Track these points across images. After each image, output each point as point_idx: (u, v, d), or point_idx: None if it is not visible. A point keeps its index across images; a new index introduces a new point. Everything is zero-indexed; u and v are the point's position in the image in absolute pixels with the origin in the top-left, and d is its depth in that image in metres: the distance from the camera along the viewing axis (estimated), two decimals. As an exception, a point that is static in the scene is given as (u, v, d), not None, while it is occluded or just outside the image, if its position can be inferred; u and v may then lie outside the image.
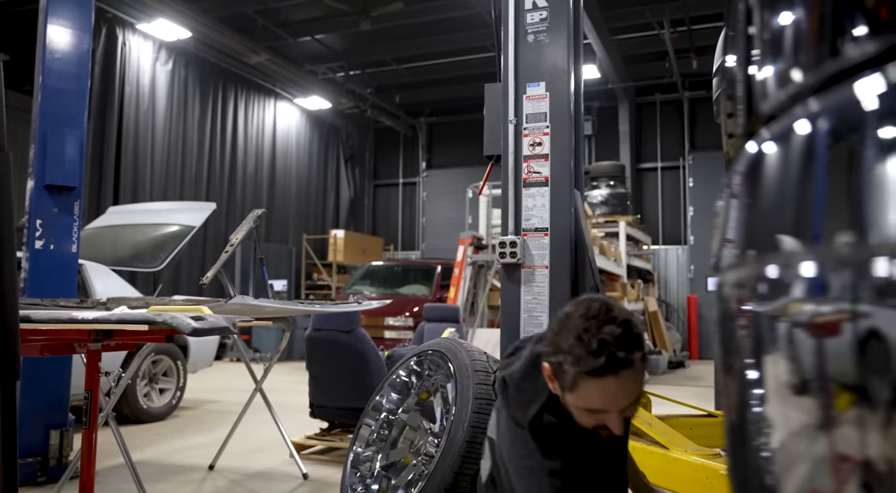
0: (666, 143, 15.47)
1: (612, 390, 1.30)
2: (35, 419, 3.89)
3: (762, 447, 0.57)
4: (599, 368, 1.29)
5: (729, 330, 0.66)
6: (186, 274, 12.17)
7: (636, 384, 1.33)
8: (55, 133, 3.98)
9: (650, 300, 12.57)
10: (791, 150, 0.58)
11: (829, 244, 0.53)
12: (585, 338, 1.31)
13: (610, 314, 1.33)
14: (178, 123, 12.50)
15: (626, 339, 1.30)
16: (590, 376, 1.30)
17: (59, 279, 4.01)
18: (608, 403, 1.32)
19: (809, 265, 0.54)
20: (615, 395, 1.31)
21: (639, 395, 1.35)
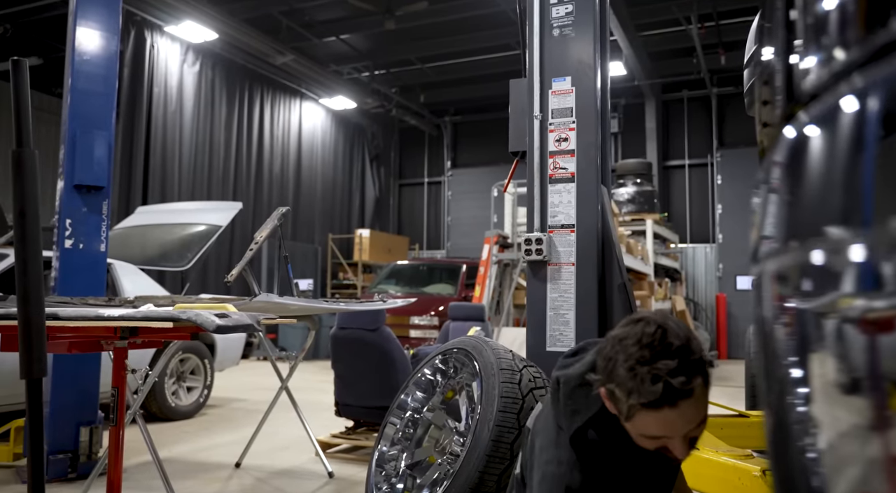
0: (694, 140, 15.27)
1: (671, 420, 1.23)
2: (66, 417, 3.94)
3: (808, 448, 0.54)
4: (655, 401, 1.21)
5: (769, 327, 0.63)
6: (213, 273, 12.29)
7: (698, 410, 1.25)
8: (84, 135, 4.03)
9: (678, 299, 12.41)
10: (836, 129, 0.54)
11: (882, 230, 0.49)
12: (639, 371, 1.23)
13: (665, 341, 1.24)
14: (205, 124, 12.63)
15: (683, 368, 1.21)
16: (646, 408, 1.23)
17: (88, 278, 4.06)
18: (668, 431, 1.25)
19: (859, 253, 0.50)
20: (674, 424, 1.24)
21: (703, 418, 1.27)
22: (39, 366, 1.54)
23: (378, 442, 2.96)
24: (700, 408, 1.25)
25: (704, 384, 1.25)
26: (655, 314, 1.30)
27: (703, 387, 1.24)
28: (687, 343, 1.25)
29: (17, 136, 1.53)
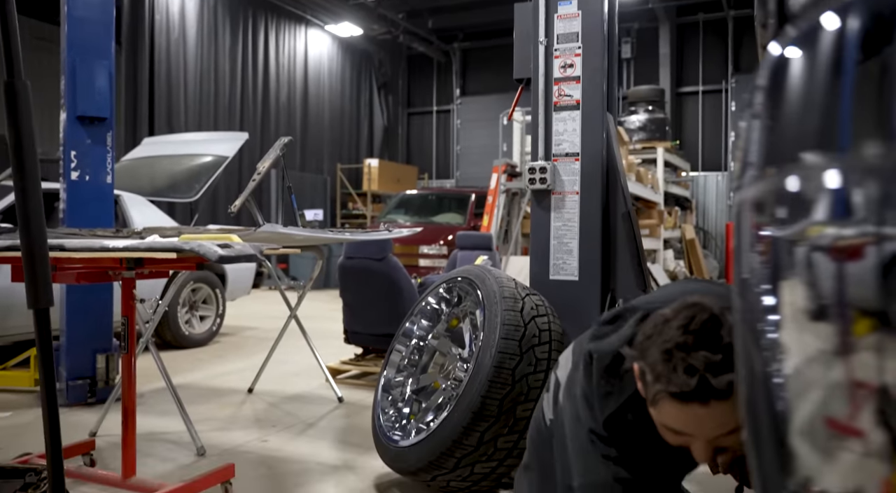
0: (708, 65, 14.88)
1: (699, 418, 1.12)
2: (82, 345, 4.04)
3: (774, 374, 0.55)
4: (684, 393, 1.10)
5: (744, 253, 0.63)
6: (223, 204, 12.33)
7: (731, 416, 1.10)
8: (83, 64, 3.98)
9: (687, 228, 12.38)
10: (816, 47, 0.52)
11: (857, 157, 0.48)
12: (675, 356, 1.12)
13: (715, 333, 1.12)
14: (209, 53, 12.41)
15: (726, 366, 1.08)
16: (673, 398, 1.12)
17: (96, 210, 4.09)
18: (692, 430, 1.15)
19: (833, 180, 0.50)
20: (701, 424, 1.13)
21: (736, 427, 1.11)
22: (45, 296, 1.57)
23: (384, 368, 3.03)
24: (732, 414, 1.09)
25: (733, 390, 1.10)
26: (715, 302, 1.17)
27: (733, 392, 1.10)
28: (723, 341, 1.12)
29: (8, 66, 1.51)
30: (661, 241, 10.49)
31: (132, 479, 2.57)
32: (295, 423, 3.78)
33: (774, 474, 0.55)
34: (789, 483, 0.55)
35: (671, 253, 11.28)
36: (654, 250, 10.25)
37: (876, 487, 0.49)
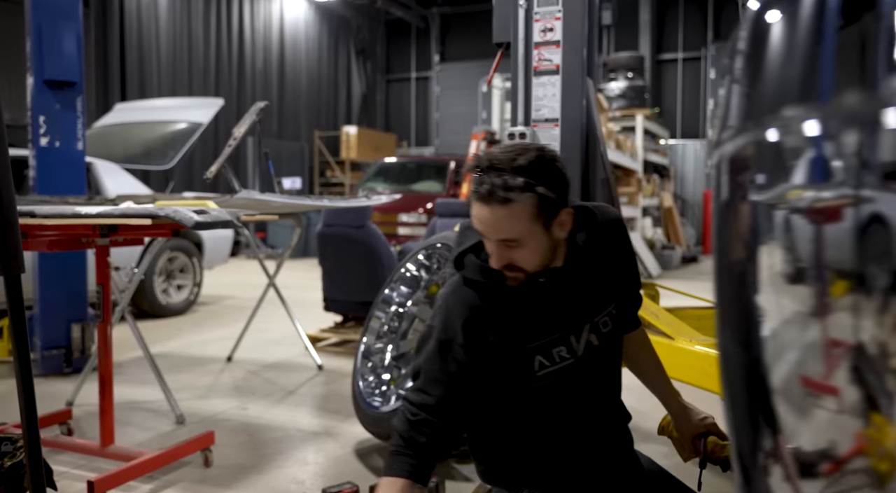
0: (688, 33, 14.84)
1: (485, 218, 1.31)
2: (56, 314, 3.99)
3: (754, 338, 0.55)
4: (475, 194, 1.31)
5: (722, 216, 0.62)
6: (198, 171, 12.12)
7: (509, 224, 1.30)
8: (50, 26, 3.86)
9: (666, 196, 12.45)
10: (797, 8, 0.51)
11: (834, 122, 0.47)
12: (482, 167, 1.32)
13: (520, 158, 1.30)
14: (182, 16, 12.12)
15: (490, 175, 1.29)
16: (472, 198, 1.33)
17: (67, 177, 4.00)
18: (483, 228, 1.34)
19: (810, 145, 0.49)
20: (487, 224, 1.32)
21: (513, 239, 1.32)
22: (16, 262, 1.54)
23: (363, 335, 3.03)
24: (502, 221, 1.30)
25: (505, 201, 1.28)
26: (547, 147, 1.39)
27: (505, 202, 1.28)
28: (515, 161, 1.29)
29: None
30: (640, 209, 10.54)
31: (111, 447, 2.56)
32: (274, 391, 3.78)
33: (749, 432, 0.55)
34: (764, 442, 0.56)
35: (649, 221, 11.36)
36: (633, 218, 10.30)
37: (848, 443, 0.50)
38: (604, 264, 1.49)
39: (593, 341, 1.47)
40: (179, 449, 2.54)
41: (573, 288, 1.44)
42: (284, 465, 2.72)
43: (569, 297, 1.44)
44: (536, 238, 1.33)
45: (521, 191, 1.28)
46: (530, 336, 1.43)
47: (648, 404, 3.58)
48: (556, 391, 1.47)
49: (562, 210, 1.35)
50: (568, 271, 1.43)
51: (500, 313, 1.43)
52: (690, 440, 1.59)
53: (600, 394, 1.55)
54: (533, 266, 1.36)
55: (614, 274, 1.52)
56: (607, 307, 1.49)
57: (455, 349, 1.42)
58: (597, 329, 1.47)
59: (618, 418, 1.60)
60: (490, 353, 1.43)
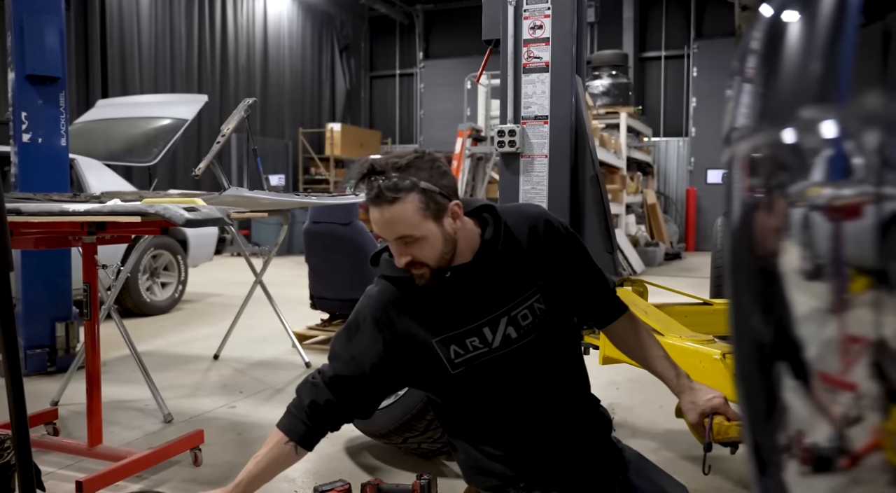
0: (671, 31, 14.91)
1: (377, 220, 1.41)
2: (40, 313, 3.95)
3: (772, 333, 0.55)
4: (366, 198, 1.42)
5: (738, 215, 0.62)
6: (182, 168, 12.05)
7: (389, 221, 1.39)
8: (32, 20, 3.80)
9: (649, 193, 12.54)
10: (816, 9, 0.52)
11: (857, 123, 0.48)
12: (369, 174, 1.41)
13: (386, 159, 1.41)
14: (164, 12, 11.99)
15: (369, 180, 1.39)
16: (365, 203, 1.44)
17: (50, 174, 3.95)
18: (379, 230, 1.42)
19: (830, 145, 0.49)
20: (380, 225, 1.41)
21: (407, 235, 1.40)
22: (4, 260, 1.51)
23: (353, 333, 3.02)
24: (393, 220, 1.38)
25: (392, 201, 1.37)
26: (427, 150, 1.46)
27: (393, 201, 1.37)
28: (396, 163, 1.39)
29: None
30: (624, 206, 10.60)
31: (99, 447, 2.54)
32: (263, 389, 3.76)
33: (765, 427, 0.56)
34: (780, 437, 0.56)
35: (633, 218, 11.42)
36: (617, 215, 10.36)
37: (866, 438, 0.50)
38: (520, 259, 1.54)
39: (511, 334, 1.52)
40: (169, 448, 2.52)
41: (483, 282, 1.51)
42: (274, 463, 2.70)
43: (479, 291, 1.51)
44: (430, 232, 1.41)
45: (406, 189, 1.37)
46: (441, 328, 1.50)
47: (636, 399, 3.61)
48: (481, 381, 1.52)
49: (450, 203, 1.42)
50: (475, 267, 1.50)
51: (413, 306, 1.51)
52: (698, 421, 1.55)
53: (541, 384, 1.56)
54: (434, 260, 1.43)
55: (538, 269, 1.55)
56: (527, 301, 1.53)
57: (361, 335, 1.52)
58: (514, 322, 1.52)
59: (575, 408, 1.60)
60: (400, 343, 1.50)
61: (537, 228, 1.57)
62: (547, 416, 1.55)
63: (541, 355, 1.55)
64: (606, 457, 1.59)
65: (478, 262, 1.50)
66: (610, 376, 3.82)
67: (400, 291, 1.52)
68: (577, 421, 1.58)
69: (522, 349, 1.53)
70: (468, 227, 1.51)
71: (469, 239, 1.50)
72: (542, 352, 1.55)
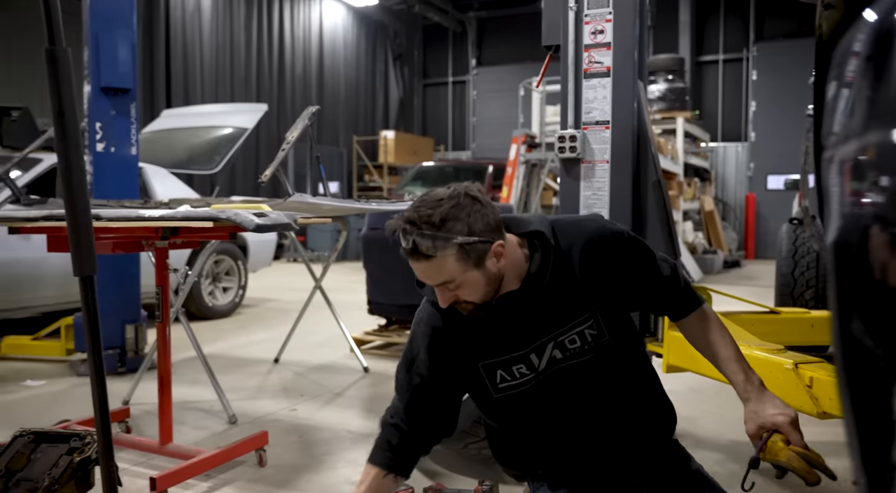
0: (729, 33, 14.60)
1: (418, 269, 1.41)
2: (111, 315, 4.09)
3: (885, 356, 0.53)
4: (404, 251, 1.40)
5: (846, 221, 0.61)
6: (241, 176, 12.36)
7: (427, 269, 1.39)
8: (107, 34, 3.96)
9: (706, 199, 12.27)
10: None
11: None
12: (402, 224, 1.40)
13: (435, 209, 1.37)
14: (224, 24, 12.34)
15: (404, 231, 1.37)
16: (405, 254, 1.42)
17: (121, 181, 4.11)
18: (422, 277, 1.43)
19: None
20: (422, 273, 1.41)
21: (448, 282, 1.39)
22: (90, 263, 1.58)
23: (413, 338, 3.04)
24: (432, 272, 1.38)
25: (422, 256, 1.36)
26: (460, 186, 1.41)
27: (429, 258, 1.36)
28: (430, 217, 1.36)
29: (49, 34, 1.50)
30: (681, 212, 10.41)
31: (169, 445, 2.62)
32: (322, 392, 3.82)
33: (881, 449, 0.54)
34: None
35: (690, 225, 11.20)
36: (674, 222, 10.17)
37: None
38: (572, 284, 1.49)
39: (556, 355, 1.50)
40: (235, 448, 2.58)
41: (530, 309, 1.49)
42: (336, 466, 2.74)
43: (526, 318, 1.49)
44: (472, 278, 1.40)
45: (442, 245, 1.35)
46: (486, 353, 1.51)
47: (698, 409, 3.53)
48: (522, 403, 1.53)
49: (492, 246, 1.39)
50: (522, 295, 1.47)
51: (459, 333, 1.52)
52: (755, 433, 1.46)
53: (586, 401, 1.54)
54: (479, 299, 1.43)
55: (591, 292, 1.51)
56: (576, 327, 1.50)
57: (417, 365, 1.57)
58: (561, 346, 1.50)
59: (628, 424, 1.57)
60: (452, 367, 1.54)
61: (589, 247, 1.52)
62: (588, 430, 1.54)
63: (587, 375, 1.54)
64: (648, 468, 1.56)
65: (525, 290, 1.48)
66: (671, 386, 3.73)
67: (444, 316, 1.54)
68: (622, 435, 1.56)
69: (566, 370, 1.52)
70: (516, 255, 1.48)
71: (517, 267, 1.47)
72: (588, 373, 1.53)
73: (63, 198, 1.55)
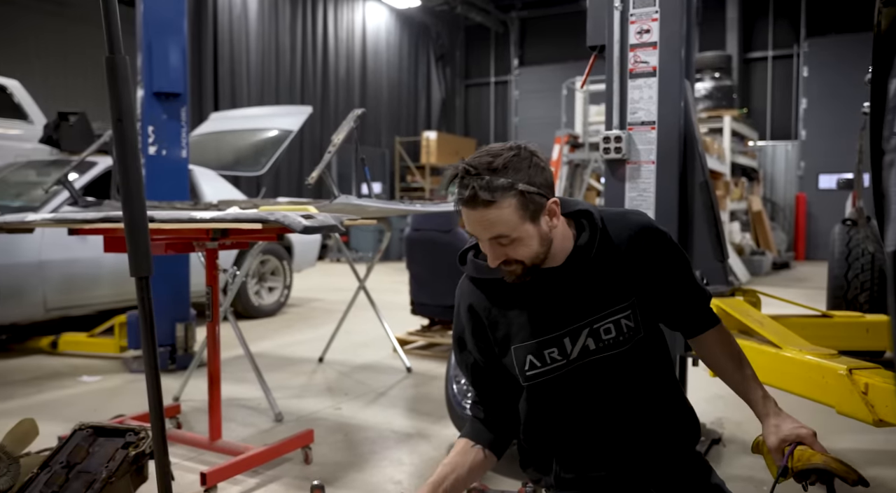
0: (778, 29, 14.26)
1: (473, 220, 1.36)
2: (162, 314, 4.20)
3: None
4: (459, 200, 1.36)
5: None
6: (286, 177, 12.55)
7: (484, 219, 1.34)
8: (159, 40, 4.08)
9: (754, 199, 12.01)
10: None
11: None
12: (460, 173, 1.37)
13: (477, 156, 1.37)
14: (270, 28, 12.55)
15: (463, 179, 1.34)
16: (459, 205, 1.38)
17: (172, 183, 4.22)
18: (474, 230, 1.38)
19: None
20: (474, 226, 1.37)
21: (503, 235, 1.35)
22: (147, 264, 1.63)
23: (456, 339, 3.05)
24: (489, 221, 1.34)
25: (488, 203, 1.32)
26: (519, 141, 1.41)
27: (489, 204, 1.32)
28: (492, 163, 1.34)
29: (109, 43, 1.56)
30: (728, 213, 10.20)
31: (219, 442, 2.68)
32: (366, 392, 3.86)
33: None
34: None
35: (737, 225, 10.97)
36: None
37: None
38: (614, 269, 1.46)
39: (589, 345, 1.46)
40: (282, 446, 2.63)
41: (570, 289, 1.46)
42: (381, 465, 2.77)
43: (565, 298, 1.46)
44: (527, 233, 1.36)
45: (502, 191, 1.32)
46: (522, 334, 1.48)
47: (745, 414, 3.46)
48: (549, 391, 1.50)
49: (548, 202, 1.38)
50: (565, 271, 1.45)
51: (497, 309, 1.51)
52: (777, 448, 1.42)
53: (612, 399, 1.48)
54: (529, 258, 1.39)
55: (632, 282, 1.47)
56: (614, 315, 1.46)
57: (467, 341, 1.56)
58: (596, 334, 1.46)
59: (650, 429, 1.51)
60: (491, 343, 1.52)
61: (639, 236, 1.49)
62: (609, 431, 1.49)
63: (616, 372, 1.48)
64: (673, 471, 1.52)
65: (568, 267, 1.45)
66: (716, 390, 3.68)
67: (485, 293, 1.52)
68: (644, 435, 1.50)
69: (596, 364, 1.47)
70: (563, 228, 1.46)
71: (563, 242, 1.45)
72: (618, 370, 1.48)
73: (121, 201, 1.60)
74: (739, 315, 2.53)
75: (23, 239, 4.29)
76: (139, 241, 1.61)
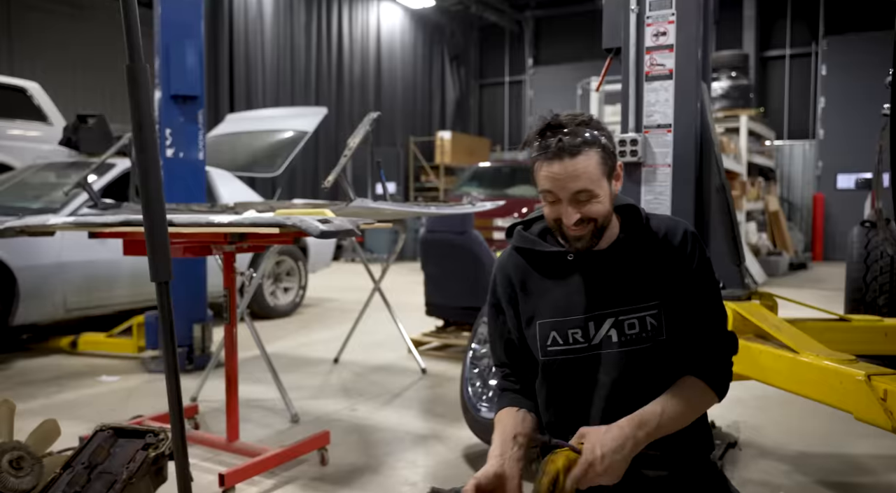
0: (796, 27, 14.13)
1: (550, 174, 1.40)
2: (179, 314, 4.22)
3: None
4: (542, 153, 1.41)
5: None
6: (301, 179, 12.61)
7: (570, 173, 1.39)
8: (176, 44, 4.12)
9: (771, 199, 11.91)
10: None
11: None
12: (543, 131, 1.44)
13: (560, 116, 1.44)
14: (285, 29, 12.61)
15: (553, 132, 1.41)
16: (538, 160, 1.43)
17: (189, 185, 4.26)
18: (551, 186, 1.41)
19: None
20: (556, 179, 1.40)
21: (585, 190, 1.40)
22: (166, 269, 1.65)
23: (471, 342, 3.06)
24: (575, 172, 1.38)
25: (575, 154, 1.38)
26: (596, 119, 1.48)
27: (575, 154, 1.38)
28: (576, 119, 1.43)
29: (129, 51, 1.58)
30: (744, 213, 10.13)
31: (236, 443, 2.70)
32: (381, 393, 3.88)
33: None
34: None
35: (754, 225, 10.89)
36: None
37: None
38: (650, 263, 1.50)
39: (612, 336, 1.48)
40: (299, 447, 2.65)
41: (606, 274, 1.50)
42: (396, 466, 2.78)
43: (598, 282, 1.50)
44: (603, 189, 1.42)
45: (588, 143, 1.40)
46: (550, 310, 1.52)
47: (763, 418, 3.45)
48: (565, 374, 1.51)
49: (617, 164, 1.47)
50: (606, 256, 1.50)
51: (533, 280, 1.55)
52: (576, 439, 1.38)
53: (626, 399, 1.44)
54: (602, 217, 1.44)
55: (663, 281, 1.49)
56: (640, 311, 1.48)
57: (502, 307, 1.60)
58: (619, 326, 1.49)
59: None
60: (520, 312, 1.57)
61: (677, 235, 1.51)
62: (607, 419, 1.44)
63: (634, 369, 1.46)
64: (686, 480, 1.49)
65: (610, 253, 1.50)
66: (735, 393, 3.65)
67: (527, 261, 1.57)
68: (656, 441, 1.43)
69: (616, 357, 1.47)
70: (612, 217, 1.51)
71: (611, 228, 1.51)
72: (636, 367, 1.46)
73: (141, 207, 1.63)
74: (756, 320, 2.52)
75: (43, 240, 4.35)
76: (159, 246, 1.63)
